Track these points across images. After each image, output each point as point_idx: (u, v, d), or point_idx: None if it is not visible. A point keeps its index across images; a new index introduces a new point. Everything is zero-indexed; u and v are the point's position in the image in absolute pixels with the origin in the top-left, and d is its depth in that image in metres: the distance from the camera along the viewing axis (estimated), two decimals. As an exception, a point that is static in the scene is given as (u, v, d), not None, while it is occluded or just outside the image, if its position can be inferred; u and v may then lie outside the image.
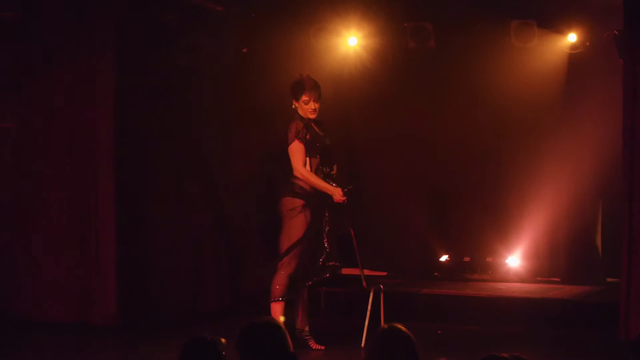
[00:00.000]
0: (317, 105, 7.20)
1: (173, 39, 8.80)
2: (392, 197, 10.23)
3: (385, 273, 9.92)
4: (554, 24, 9.32)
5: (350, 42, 9.76)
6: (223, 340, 3.49)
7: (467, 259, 10.01)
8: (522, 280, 9.68)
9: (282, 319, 6.94)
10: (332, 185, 7.14)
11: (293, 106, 7.25)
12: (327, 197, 7.14)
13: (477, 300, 8.80)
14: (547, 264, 9.77)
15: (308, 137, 7.14)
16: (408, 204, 10.16)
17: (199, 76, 9.01)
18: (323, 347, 7.22)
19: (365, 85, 10.00)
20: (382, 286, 7.55)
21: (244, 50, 9.50)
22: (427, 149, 10.18)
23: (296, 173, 7.13)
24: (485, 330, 8.09)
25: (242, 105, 9.39)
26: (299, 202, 7.13)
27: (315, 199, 7.16)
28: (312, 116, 7.21)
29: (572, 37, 9.36)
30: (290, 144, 7.13)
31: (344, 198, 7.10)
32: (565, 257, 9.63)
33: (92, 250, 8.15)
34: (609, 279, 9.27)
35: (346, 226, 7.42)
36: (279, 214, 7.26)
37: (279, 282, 7.14)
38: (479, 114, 9.88)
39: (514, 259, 9.85)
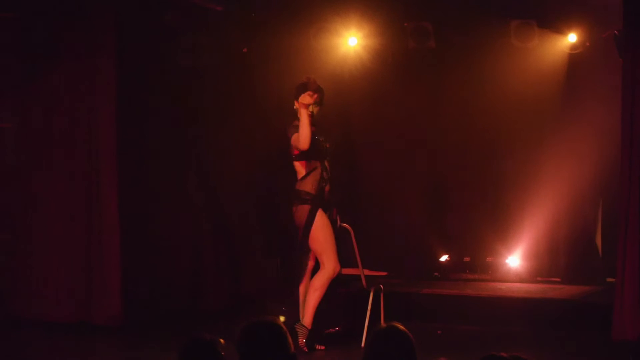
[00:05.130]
0: (317, 109, 7.20)
1: (173, 39, 8.81)
2: (392, 197, 10.23)
3: (385, 273, 9.92)
4: (554, 24, 9.32)
5: (350, 42, 9.75)
6: (222, 340, 3.49)
7: (467, 259, 10.02)
8: (522, 280, 9.68)
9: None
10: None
11: (295, 107, 7.26)
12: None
13: (477, 300, 8.80)
14: (547, 264, 9.77)
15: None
16: (408, 204, 10.16)
17: (199, 76, 9.01)
18: (323, 347, 7.22)
19: (366, 86, 10.00)
20: (382, 286, 7.55)
21: (244, 50, 9.50)
22: (427, 148, 10.18)
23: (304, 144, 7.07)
24: (485, 330, 8.08)
25: (242, 105, 9.39)
26: (306, 207, 7.13)
27: (318, 199, 7.17)
28: (310, 120, 7.20)
29: (572, 37, 9.36)
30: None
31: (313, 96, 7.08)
32: (565, 257, 9.63)
33: (94, 250, 8.15)
34: (609, 279, 9.25)
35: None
36: (295, 225, 7.24)
37: (321, 281, 7.13)
38: (479, 114, 9.88)
39: (514, 259, 9.84)
